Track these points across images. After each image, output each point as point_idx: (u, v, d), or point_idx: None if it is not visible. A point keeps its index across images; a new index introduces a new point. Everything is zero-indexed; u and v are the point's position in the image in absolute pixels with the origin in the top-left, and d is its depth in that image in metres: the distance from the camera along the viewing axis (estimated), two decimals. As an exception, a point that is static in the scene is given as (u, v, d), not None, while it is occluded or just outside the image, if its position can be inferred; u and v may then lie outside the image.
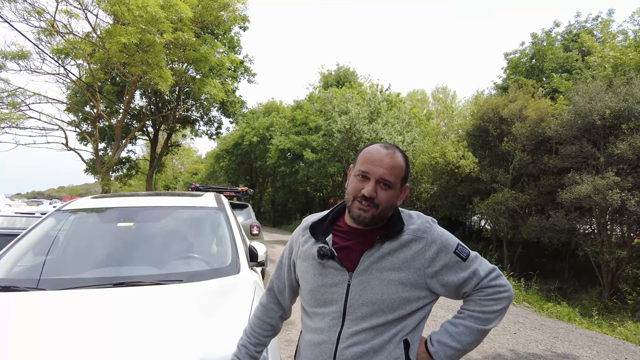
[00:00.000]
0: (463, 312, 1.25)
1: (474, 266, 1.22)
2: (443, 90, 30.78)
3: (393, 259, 1.19)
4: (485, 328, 1.20)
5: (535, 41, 18.69)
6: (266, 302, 1.50)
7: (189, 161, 48.91)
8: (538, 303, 8.02)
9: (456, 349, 1.21)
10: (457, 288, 1.22)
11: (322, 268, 1.25)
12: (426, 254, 1.20)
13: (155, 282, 2.28)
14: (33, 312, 1.98)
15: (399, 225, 1.23)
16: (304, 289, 1.33)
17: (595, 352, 4.87)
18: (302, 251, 1.33)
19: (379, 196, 1.18)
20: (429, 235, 1.21)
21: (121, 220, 2.98)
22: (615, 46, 11.83)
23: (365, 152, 1.25)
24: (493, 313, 1.20)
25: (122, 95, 18.76)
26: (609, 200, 8.80)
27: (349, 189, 1.24)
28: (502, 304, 1.21)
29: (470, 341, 1.21)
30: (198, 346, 1.65)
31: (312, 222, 1.34)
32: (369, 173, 1.19)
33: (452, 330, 1.22)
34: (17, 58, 14.06)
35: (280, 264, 1.47)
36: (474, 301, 1.23)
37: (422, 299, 1.21)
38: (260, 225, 8.67)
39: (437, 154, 14.68)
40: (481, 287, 1.21)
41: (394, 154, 1.22)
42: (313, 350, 1.26)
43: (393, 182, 1.20)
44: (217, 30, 19.36)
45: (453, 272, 1.21)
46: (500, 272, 1.26)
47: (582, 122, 10.07)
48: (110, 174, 18.28)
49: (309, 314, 1.32)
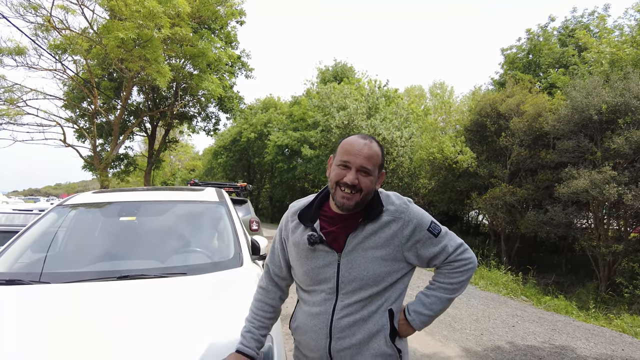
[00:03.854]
0: (434, 284, 1.44)
1: (444, 242, 1.39)
2: (440, 86, 30.74)
3: (375, 239, 1.34)
4: (452, 296, 1.42)
5: (530, 37, 18.69)
6: (265, 285, 1.59)
7: (186, 158, 48.75)
8: (535, 297, 8.09)
9: (429, 315, 1.41)
10: (429, 260, 1.40)
11: (313, 252, 1.39)
12: (404, 232, 1.35)
13: (159, 275, 2.30)
14: (38, 304, 1.99)
15: (378, 207, 1.36)
16: (298, 271, 1.46)
17: (592, 344, 4.92)
18: (293, 238, 1.45)
19: (361, 182, 1.31)
20: (406, 215, 1.36)
21: (123, 214, 2.98)
22: (611, 42, 11.84)
23: (345, 143, 1.36)
24: (459, 283, 1.41)
25: (120, 91, 18.66)
26: (606, 195, 8.85)
27: (331, 176, 1.36)
28: (466, 275, 1.40)
29: (441, 308, 1.42)
30: (202, 337, 1.67)
31: (300, 210, 1.46)
32: (350, 162, 1.31)
33: (425, 301, 1.42)
34: (13, 54, 13.93)
35: (273, 249, 1.59)
36: (443, 274, 1.42)
37: (401, 270, 1.38)
38: (259, 221, 8.69)
39: (435, 149, 14.69)
40: (449, 260, 1.40)
41: (371, 144, 1.34)
42: (311, 319, 1.42)
43: (371, 169, 1.32)
44: (214, 25, 19.26)
45: (426, 247, 1.38)
46: (467, 246, 1.44)
47: (579, 117, 10.10)
48: (108, 171, 18.21)
49: (305, 290, 1.47)
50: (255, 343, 1.46)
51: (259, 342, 1.48)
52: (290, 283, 1.61)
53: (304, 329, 1.45)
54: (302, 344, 1.49)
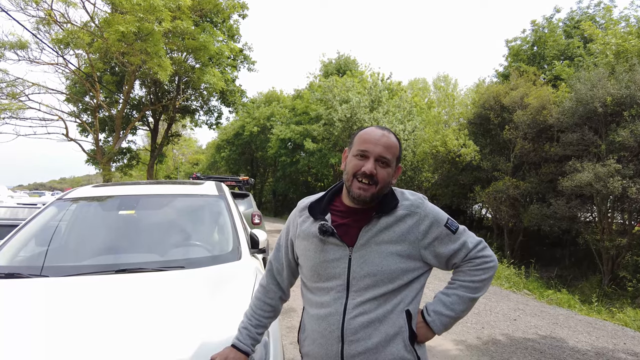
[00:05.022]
0: (454, 283, 1.34)
1: (463, 238, 1.31)
2: (444, 78, 30.55)
3: (390, 233, 1.26)
4: (475, 296, 1.31)
5: (535, 28, 18.49)
6: (266, 284, 1.54)
7: (189, 151, 48.87)
8: (538, 290, 8.07)
9: (450, 317, 1.30)
10: (447, 259, 1.31)
11: (323, 245, 1.31)
12: (420, 228, 1.28)
13: (157, 269, 2.30)
14: (38, 297, 2.00)
15: (393, 201, 1.30)
16: (305, 266, 1.38)
17: (594, 337, 4.91)
18: (302, 230, 1.38)
19: (378, 173, 1.25)
20: (422, 210, 1.30)
21: (122, 208, 2.98)
22: (617, 33, 11.70)
23: (363, 133, 1.32)
24: (481, 282, 1.30)
25: (122, 85, 18.67)
26: (610, 188, 8.80)
27: (348, 168, 1.30)
28: (488, 273, 1.30)
29: (463, 309, 1.31)
30: (200, 330, 1.66)
31: (310, 203, 1.40)
32: (368, 152, 1.26)
33: (446, 300, 1.32)
34: (15, 48, 13.93)
35: (278, 246, 1.53)
36: (464, 272, 1.32)
37: (417, 269, 1.29)
38: (261, 215, 8.69)
39: (438, 142, 14.63)
40: (469, 258, 1.31)
41: (389, 134, 1.30)
42: (320, 324, 1.30)
43: (390, 159, 1.28)
44: (216, 18, 19.16)
45: (444, 244, 1.29)
46: (486, 244, 1.35)
47: (584, 110, 10.02)
48: (111, 165, 18.28)
49: (311, 290, 1.38)
50: (250, 340, 1.45)
51: (255, 340, 1.47)
52: (292, 283, 1.56)
53: (313, 337, 1.33)
54: (310, 356, 1.36)
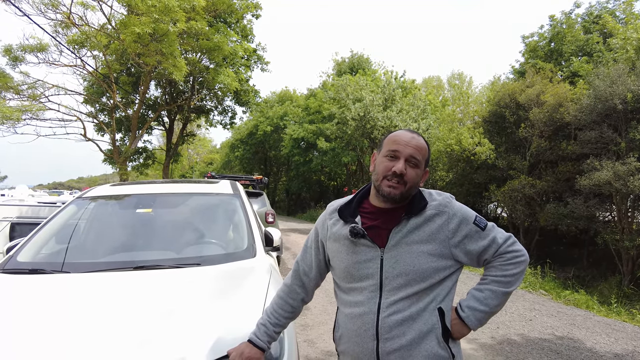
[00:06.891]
0: (486, 278, 1.37)
1: (492, 234, 1.34)
2: (459, 76, 30.28)
3: (420, 233, 1.30)
4: (508, 290, 1.33)
5: (553, 24, 18.14)
6: (290, 284, 1.57)
7: (204, 151, 49.33)
8: (555, 291, 7.93)
9: (485, 312, 1.33)
10: (478, 255, 1.34)
11: (354, 247, 1.35)
12: (449, 226, 1.31)
13: (174, 266, 2.35)
14: (60, 292, 2.06)
15: (422, 202, 1.34)
16: (338, 267, 1.41)
17: (613, 339, 4.82)
18: (332, 232, 1.42)
19: (408, 173, 1.30)
20: (450, 209, 1.33)
21: (140, 206, 3.05)
22: (638, 27, 11.41)
23: (393, 135, 1.37)
24: (514, 276, 1.32)
25: (138, 85, 18.94)
26: (630, 187, 8.59)
27: (378, 169, 1.35)
28: (520, 267, 1.33)
29: (497, 303, 1.33)
30: (215, 325, 1.70)
31: (340, 206, 1.44)
32: (399, 152, 1.31)
33: (479, 296, 1.35)
34: (35, 51, 14.28)
35: (305, 248, 1.56)
36: (495, 267, 1.35)
37: (449, 267, 1.32)
38: (275, 213, 8.75)
39: (453, 141, 14.48)
40: (500, 253, 1.33)
41: (419, 137, 1.36)
42: (355, 322, 1.35)
43: (420, 160, 1.33)
44: (230, 18, 19.30)
45: (474, 241, 1.33)
46: (515, 239, 1.37)
47: (603, 107, 9.80)
48: (127, 164, 18.58)
49: (345, 290, 1.42)
50: (267, 337, 1.47)
51: (271, 338, 1.49)
52: (318, 285, 1.58)
53: (348, 335, 1.37)
54: (346, 353, 1.41)
